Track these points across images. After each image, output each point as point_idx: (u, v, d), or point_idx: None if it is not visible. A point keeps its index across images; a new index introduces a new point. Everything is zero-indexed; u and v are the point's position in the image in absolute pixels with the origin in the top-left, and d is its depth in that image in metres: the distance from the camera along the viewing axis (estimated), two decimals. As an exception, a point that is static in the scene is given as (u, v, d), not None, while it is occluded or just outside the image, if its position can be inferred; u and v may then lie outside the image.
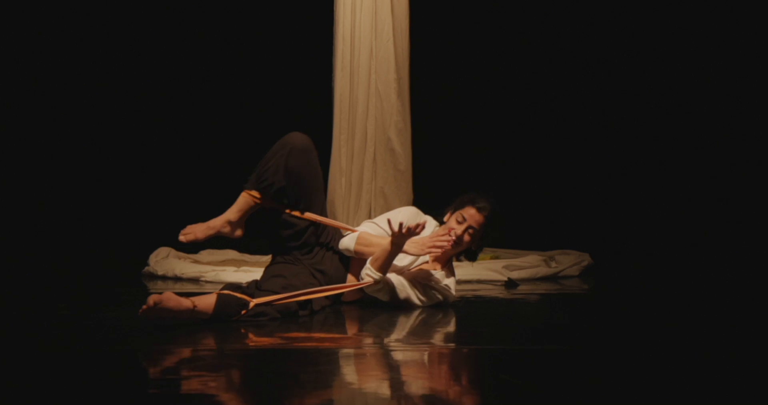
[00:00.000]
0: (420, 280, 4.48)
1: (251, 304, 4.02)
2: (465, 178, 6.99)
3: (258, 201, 4.29)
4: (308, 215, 4.33)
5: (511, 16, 7.28)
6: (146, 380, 3.03)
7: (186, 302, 3.87)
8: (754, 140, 7.09)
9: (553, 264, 5.98)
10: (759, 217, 6.94)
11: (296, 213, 4.31)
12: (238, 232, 4.35)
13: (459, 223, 4.46)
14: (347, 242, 4.43)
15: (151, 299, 3.75)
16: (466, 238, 4.48)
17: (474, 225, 4.45)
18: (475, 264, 5.00)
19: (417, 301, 4.43)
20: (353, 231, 4.49)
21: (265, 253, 5.79)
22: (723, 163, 7.17)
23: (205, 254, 6.09)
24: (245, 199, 4.32)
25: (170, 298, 3.81)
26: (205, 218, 6.71)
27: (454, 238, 4.39)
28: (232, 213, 4.30)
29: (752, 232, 6.95)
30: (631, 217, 7.19)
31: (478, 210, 4.45)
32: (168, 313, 3.81)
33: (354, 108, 5.91)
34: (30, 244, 6.85)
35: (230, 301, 3.99)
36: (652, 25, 7.20)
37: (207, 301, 3.93)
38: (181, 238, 4.30)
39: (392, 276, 4.45)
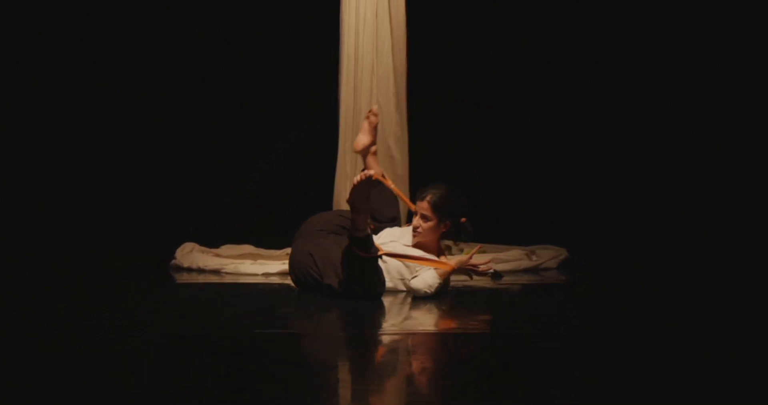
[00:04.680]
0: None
1: (381, 252, 4.66)
2: (457, 180, 6.80)
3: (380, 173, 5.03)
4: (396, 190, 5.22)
5: (501, 29, 7.36)
6: (147, 379, 3.00)
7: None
8: (739, 139, 7.12)
9: (534, 257, 6.11)
10: (739, 215, 6.95)
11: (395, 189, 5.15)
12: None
13: (415, 216, 4.94)
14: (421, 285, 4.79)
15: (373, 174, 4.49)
16: (424, 224, 4.85)
17: (424, 212, 4.86)
18: (464, 253, 5.21)
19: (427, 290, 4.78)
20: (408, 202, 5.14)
21: (279, 248, 6.07)
22: (706, 162, 7.18)
23: (225, 248, 6.19)
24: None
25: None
26: (216, 219, 6.83)
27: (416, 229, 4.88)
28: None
29: (732, 230, 6.90)
30: (606, 216, 7.22)
31: (421, 199, 4.91)
32: (365, 198, 4.50)
33: (357, 119, 6.11)
34: (57, 244, 6.81)
35: (372, 240, 4.62)
36: (647, 27, 7.22)
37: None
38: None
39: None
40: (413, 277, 4.79)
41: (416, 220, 4.91)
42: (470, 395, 2.87)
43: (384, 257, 4.78)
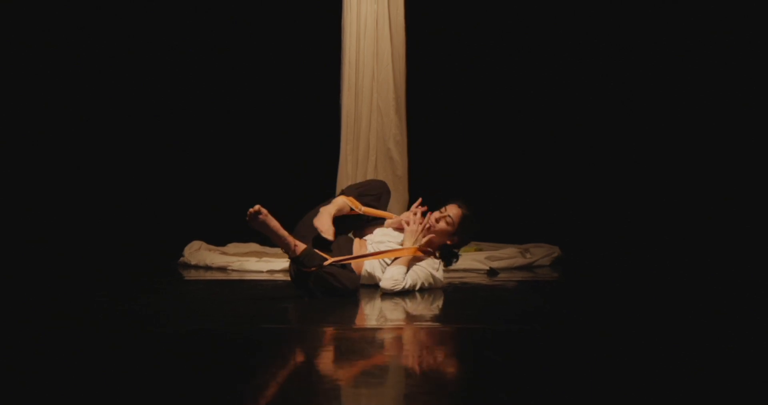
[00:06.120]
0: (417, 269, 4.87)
1: (327, 262, 4.59)
2: (454, 181, 7.27)
3: (351, 204, 4.96)
4: (371, 211, 5.07)
5: (496, 35, 7.43)
6: (155, 372, 3.02)
7: (283, 230, 4.51)
8: (725, 138, 7.16)
9: (528, 255, 6.20)
10: (729, 212, 6.97)
11: (370, 211, 5.04)
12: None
13: (440, 213, 4.96)
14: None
15: (258, 207, 4.40)
16: (442, 224, 4.90)
17: (451, 215, 4.92)
18: (461, 255, 5.24)
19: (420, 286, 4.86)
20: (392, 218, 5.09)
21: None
22: (697, 161, 7.21)
23: (231, 247, 6.35)
24: (343, 200, 5.02)
25: (272, 219, 4.48)
26: (226, 219, 6.65)
27: (432, 221, 4.90)
28: (332, 209, 4.96)
29: (722, 227, 6.94)
30: (598, 215, 7.27)
31: (458, 206, 4.97)
32: (266, 228, 4.45)
33: (358, 123, 6.27)
34: (74, 240, 6.87)
35: (314, 254, 4.61)
36: (636, 28, 7.27)
37: (300, 246, 4.57)
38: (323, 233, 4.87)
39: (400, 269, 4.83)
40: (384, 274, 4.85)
41: (437, 214, 4.97)
42: (468, 390, 2.89)
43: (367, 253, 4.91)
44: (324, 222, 4.87)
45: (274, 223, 4.54)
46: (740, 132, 7.25)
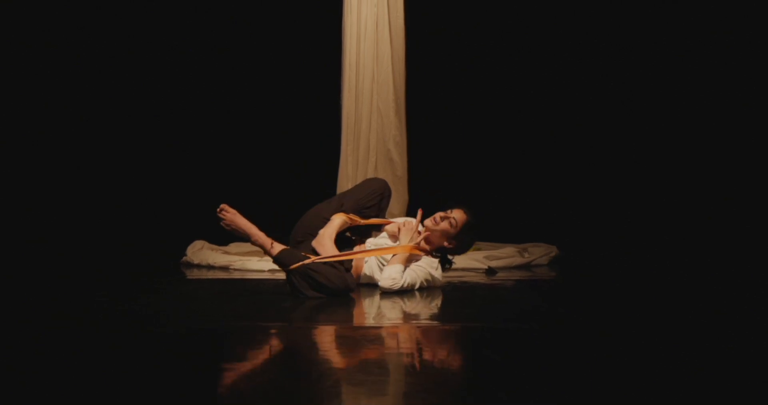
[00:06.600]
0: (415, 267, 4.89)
1: (311, 259, 4.56)
2: (454, 181, 7.35)
3: (350, 221, 4.93)
4: (373, 221, 5.05)
5: (494, 37, 7.48)
6: (157, 370, 3.03)
7: (256, 230, 4.53)
8: (724, 138, 7.19)
9: (526, 255, 6.24)
10: (726, 212, 7.00)
11: (372, 221, 5.00)
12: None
13: (446, 213, 4.96)
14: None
15: (222, 206, 4.43)
16: (445, 224, 4.90)
17: (456, 217, 4.92)
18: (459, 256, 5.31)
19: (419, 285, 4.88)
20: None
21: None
22: (694, 161, 7.25)
23: (234, 246, 6.36)
24: (342, 220, 4.96)
25: (241, 218, 4.50)
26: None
27: (437, 219, 4.90)
28: (333, 232, 4.90)
29: (719, 227, 6.96)
30: (595, 214, 7.31)
31: (465, 211, 4.99)
32: (236, 228, 4.49)
33: (359, 124, 6.32)
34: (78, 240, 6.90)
35: (295, 253, 4.62)
36: (633, 28, 7.30)
37: (277, 246, 4.57)
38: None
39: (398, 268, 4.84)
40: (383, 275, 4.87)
41: (441, 213, 4.97)
42: (467, 388, 2.92)
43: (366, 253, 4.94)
44: (328, 250, 4.82)
45: (243, 222, 4.56)
46: (740, 132, 7.27)
